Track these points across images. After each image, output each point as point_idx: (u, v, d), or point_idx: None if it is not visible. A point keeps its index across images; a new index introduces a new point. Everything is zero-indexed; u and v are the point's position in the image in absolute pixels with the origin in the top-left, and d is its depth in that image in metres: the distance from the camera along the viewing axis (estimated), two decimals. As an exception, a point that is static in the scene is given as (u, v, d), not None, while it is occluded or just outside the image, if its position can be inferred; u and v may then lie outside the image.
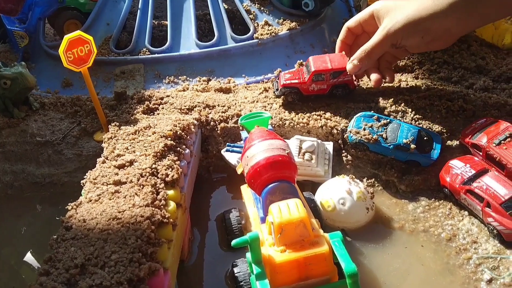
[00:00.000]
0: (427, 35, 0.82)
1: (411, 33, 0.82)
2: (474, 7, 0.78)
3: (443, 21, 0.80)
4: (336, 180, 0.85)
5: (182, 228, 0.71)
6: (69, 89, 1.20)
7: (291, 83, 0.97)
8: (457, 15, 0.79)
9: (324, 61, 0.96)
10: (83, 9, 1.36)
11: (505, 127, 0.83)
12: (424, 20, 0.80)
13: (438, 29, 0.81)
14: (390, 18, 0.84)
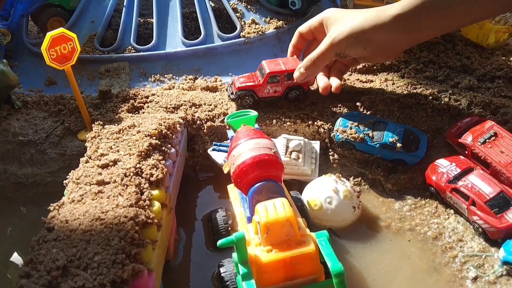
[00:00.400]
0: (370, 46, 0.83)
1: (354, 43, 0.83)
2: (418, 21, 0.79)
3: (385, 33, 0.80)
4: (323, 179, 0.84)
5: (167, 228, 0.70)
6: (52, 88, 1.19)
7: (246, 86, 0.95)
8: (400, 28, 0.80)
9: (278, 63, 0.96)
10: (67, 6, 1.34)
11: (490, 126, 0.84)
12: (367, 31, 0.81)
13: (380, 41, 0.82)
14: (335, 27, 0.84)
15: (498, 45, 1.18)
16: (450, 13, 0.77)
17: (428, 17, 0.78)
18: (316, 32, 0.93)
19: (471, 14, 0.78)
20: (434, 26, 0.80)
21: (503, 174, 0.78)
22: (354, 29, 0.82)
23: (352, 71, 1.12)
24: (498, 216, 0.73)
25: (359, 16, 0.82)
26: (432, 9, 0.76)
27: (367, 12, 0.82)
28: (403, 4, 0.78)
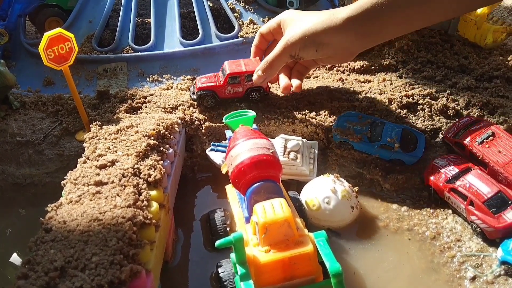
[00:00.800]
0: (322, 49, 0.82)
1: (306, 46, 0.82)
2: (369, 25, 0.78)
3: (336, 36, 0.80)
4: (321, 179, 0.84)
5: (165, 229, 0.70)
6: (50, 88, 1.18)
7: (207, 86, 0.95)
8: (352, 31, 0.79)
9: (239, 64, 0.96)
10: (65, 6, 1.33)
11: (488, 126, 0.84)
12: (319, 34, 0.80)
13: (332, 43, 0.81)
14: (289, 29, 0.84)
15: (496, 45, 1.18)
16: (403, 17, 0.76)
17: (379, 21, 0.77)
18: (275, 33, 0.93)
19: (424, 17, 0.77)
20: (386, 30, 0.79)
21: (501, 174, 0.78)
22: (306, 31, 0.81)
23: (350, 71, 1.12)
24: (496, 216, 0.73)
25: (313, 19, 0.82)
26: (383, 14, 0.75)
27: (320, 15, 0.81)
28: (354, 8, 0.77)
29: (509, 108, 0.96)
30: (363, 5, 0.76)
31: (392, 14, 0.75)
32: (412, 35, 1.16)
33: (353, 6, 0.78)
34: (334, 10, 0.80)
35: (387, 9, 0.74)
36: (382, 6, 0.74)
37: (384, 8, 0.74)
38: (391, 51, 1.13)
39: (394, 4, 0.74)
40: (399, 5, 0.74)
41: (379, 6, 0.75)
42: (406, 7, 0.74)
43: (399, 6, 0.74)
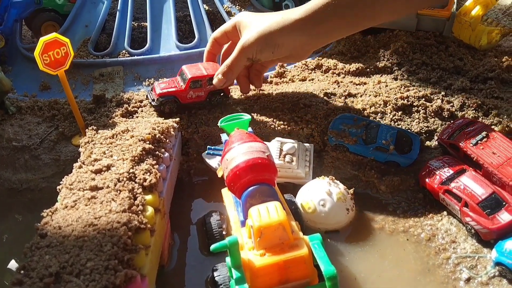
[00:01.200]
0: (277, 51, 0.84)
1: (263, 48, 0.84)
2: (320, 26, 0.80)
3: (290, 37, 0.82)
4: (316, 182, 0.85)
5: (161, 233, 0.70)
6: (47, 92, 1.18)
7: (169, 92, 0.94)
8: (304, 32, 0.81)
9: (199, 68, 0.96)
10: (61, 11, 1.34)
11: (481, 127, 0.84)
12: (273, 36, 0.83)
13: (286, 44, 0.84)
14: (246, 33, 0.86)
15: (491, 46, 1.19)
16: (349, 19, 0.80)
17: (328, 23, 0.80)
18: (232, 36, 0.94)
19: (370, 19, 0.81)
20: (334, 31, 0.83)
21: (495, 175, 0.78)
22: (261, 34, 0.83)
23: (345, 73, 1.12)
24: (490, 217, 0.74)
25: (267, 21, 0.84)
26: (331, 17, 0.79)
27: (274, 17, 0.83)
28: (304, 10, 0.80)
29: (504, 109, 0.96)
30: (313, 7, 0.79)
31: (339, 17, 0.79)
32: (407, 37, 1.17)
33: (303, 8, 0.80)
34: (287, 12, 0.83)
35: (333, 12, 0.78)
36: (329, 9, 0.78)
37: (331, 11, 0.78)
38: (386, 53, 1.13)
39: (340, 8, 0.78)
40: (345, 9, 0.78)
41: (327, 9, 0.78)
42: (351, 11, 0.78)
43: (345, 9, 0.78)
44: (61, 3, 1.33)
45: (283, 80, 1.13)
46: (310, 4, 0.80)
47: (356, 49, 1.20)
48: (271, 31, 0.82)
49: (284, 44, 0.83)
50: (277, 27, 0.82)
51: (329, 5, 0.78)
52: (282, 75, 1.14)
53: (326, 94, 1.02)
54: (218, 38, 0.96)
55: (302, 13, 0.80)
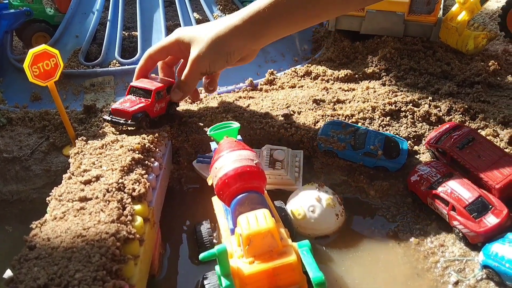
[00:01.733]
0: (231, 57, 0.85)
1: (216, 59, 0.85)
2: (260, 28, 0.82)
3: (239, 41, 0.83)
4: (306, 188, 0.85)
5: (150, 243, 0.70)
6: (38, 103, 1.19)
7: (140, 108, 0.89)
8: (248, 34, 0.83)
9: (150, 81, 0.94)
10: (52, 22, 1.34)
11: (468, 132, 0.85)
12: (223, 44, 0.83)
13: (237, 49, 0.85)
14: (194, 47, 0.86)
15: (477, 50, 1.20)
16: (287, 21, 0.81)
17: (268, 24, 0.82)
18: (174, 52, 0.93)
19: (308, 19, 0.83)
20: (275, 31, 0.84)
21: (481, 179, 0.79)
22: (211, 46, 0.84)
23: (334, 79, 1.13)
24: (477, 220, 0.74)
25: (212, 31, 0.84)
26: (270, 18, 0.80)
27: (217, 25, 0.84)
28: (249, 12, 0.81)
29: (490, 113, 0.97)
30: (252, 10, 0.81)
31: (277, 19, 0.81)
32: (394, 43, 1.18)
33: (244, 12, 0.82)
34: (228, 18, 0.84)
35: (271, 14, 0.80)
36: (266, 10, 0.80)
37: (269, 13, 0.80)
38: (375, 59, 1.15)
39: (277, 10, 0.79)
40: (282, 11, 0.79)
41: (265, 11, 0.80)
42: (289, 13, 0.80)
43: (282, 11, 0.79)
44: (52, 14, 1.34)
45: (273, 87, 1.14)
46: (249, 9, 0.81)
47: (345, 55, 1.21)
48: (220, 41, 0.83)
49: (236, 50, 0.84)
50: (225, 35, 0.83)
51: (265, 10, 0.79)
52: (272, 82, 1.15)
53: (315, 101, 1.03)
54: (154, 55, 0.94)
55: (245, 16, 0.81)
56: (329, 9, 0.81)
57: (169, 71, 0.99)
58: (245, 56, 0.89)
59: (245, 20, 0.81)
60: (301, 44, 1.30)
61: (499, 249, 0.70)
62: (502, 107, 1.00)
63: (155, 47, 0.94)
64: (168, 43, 0.91)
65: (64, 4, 1.34)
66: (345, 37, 1.27)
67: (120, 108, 0.89)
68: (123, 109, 0.89)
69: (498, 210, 0.75)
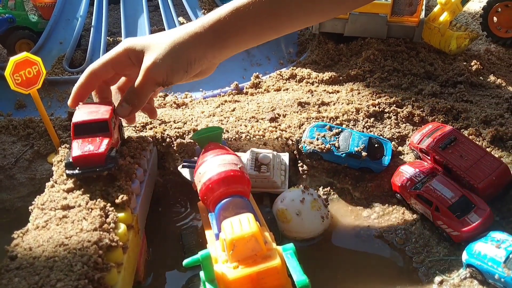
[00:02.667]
0: (192, 67, 0.73)
1: (175, 68, 0.72)
2: (223, 39, 0.72)
3: (200, 49, 0.72)
4: (291, 191, 0.86)
5: (134, 250, 0.70)
6: (22, 111, 1.18)
7: (108, 144, 0.71)
8: (215, 42, 0.72)
9: (92, 108, 0.76)
10: (35, 28, 1.34)
11: (450, 132, 0.86)
12: (185, 52, 0.72)
13: (199, 59, 0.73)
14: (149, 55, 0.72)
15: (460, 50, 1.22)
16: (252, 32, 0.73)
17: (231, 35, 0.72)
18: (121, 68, 0.77)
19: (275, 31, 0.75)
20: (242, 42, 0.74)
21: (464, 178, 0.80)
22: (170, 53, 0.71)
23: (319, 82, 1.14)
24: (460, 220, 0.75)
25: (170, 38, 0.72)
26: (235, 28, 0.71)
27: (176, 32, 0.72)
28: (206, 21, 0.71)
29: (473, 112, 0.98)
30: (214, 17, 0.71)
31: (240, 29, 0.72)
32: (378, 44, 1.19)
33: (205, 18, 0.72)
34: (189, 25, 0.73)
35: (235, 23, 0.71)
36: (228, 19, 0.71)
37: (232, 22, 0.71)
38: (358, 61, 1.16)
39: (240, 19, 0.70)
40: (246, 20, 0.71)
41: (226, 20, 0.71)
42: (255, 24, 0.71)
43: (247, 21, 0.71)
44: (35, 20, 1.33)
45: (258, 90, 1.14)
46: (214, 14, 0.72)
47: (329, 58, 1.22)
48: (180, 48, 0.71)
49: (197, 60, 0.73)
50: (185, 42, 0.71)
51: (234, 14, 0.70)
52: (257, 86, 1.16)
53: (300, 104, 1.04)
54: (98, 71, 0.76)
55: (206, 24, 0.71)
56: (297, 22, 0.74)
57: (107, 91, 0.81)
58: (204, 68, 0.76)
59: (206, 28, 0.71)
60: (286, 47, 1.31)
61: (481, 248, 0.70)
62: (485, 106, 1.02)
63: (99, 61, 0.76)
64: (116, 55, 0.75)
65: (48, 10, 1.33)
66: (329, 40, 1.27)
67: (87, 154, 0.69)
68: (92, 153, 0.69)
69: (480, 209, 0.76)
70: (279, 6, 0.71)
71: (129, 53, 0.74)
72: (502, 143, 0.90)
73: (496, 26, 1.31)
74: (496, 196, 0.80)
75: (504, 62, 1.23)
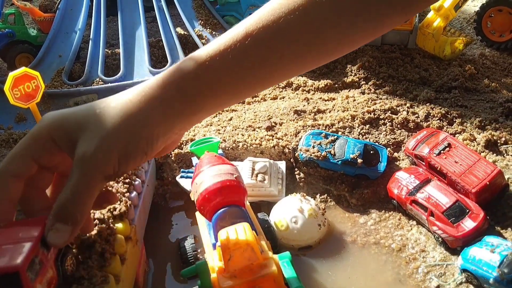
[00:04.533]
0: (152, 148, 0.50)
1: (130, 152, 0.48)
2: (198, 99, 0.49)
3: (160, 124, 0.49)
4: (288, 199, 0.86)
5: (133, 261, 0.71)
6: (23, 124, 1.20)
7: None
8: (174, 112, 0.49)
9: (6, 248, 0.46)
10: (35, 42, 1.36)
11: (444, 137, 0.87)
12: (140, 129, 0.48)
13: (160, 136, 0.50)
14: (88, 136, 0.47)
15: (455, 55, 1.23)
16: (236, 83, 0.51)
17: (208, 92, 0.50)
18: (48, 158, 0.50)
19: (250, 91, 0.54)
20: (217, 101, 0.52)
21: (458, 184, 0.80)
22: (121, 130, 0.48)
23: (315, 90, 1.15)
24: (455, 225, 0.76)
25: (117, 108, 0.48)
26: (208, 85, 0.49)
27: (127, 98, 0.49)
28: (168, 76, 0.49)
29: (468, 117, 0.99)
30: (179, 73, 0.48)
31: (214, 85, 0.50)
32: (373, 51, 1.20)
33: (168, 74, 0.49)
34: (144, 86, 0.49)
35: (209, 80, 0.49)
36: (200, 73, 0.48)
37: (207, 79, 0.49)
38: (354, 68, 1.17)
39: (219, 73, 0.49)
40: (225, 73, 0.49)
41: (198, 74, 0.48)
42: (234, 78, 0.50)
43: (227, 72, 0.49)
44: (34, 34, 1.35)
45: (255, 99, 1.15)
46: (179, 69, 0.48)
47: (325, 65, 1.23)
48: (137, 122, 0.48)
49: (160, 135, 0.49)
50: (143, 113, 0.48)
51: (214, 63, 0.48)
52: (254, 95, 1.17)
53: (296, 112, 1.05)
54: (13, 170, 0.49)
55: (166, 80, 0.48)
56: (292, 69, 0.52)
57: (37, 197, 0.53)
58: (170, 143, 0.54)
59: (168, 88, 0.48)
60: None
61: (476, 253, 0.71)
62: (479, 111, 1.02)
63: (12, 158, 0.49)
64: (35, 140, 0.49)
65: (47, 24, 1.35)
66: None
67: None
68: None
69: (475, 214, 0.76)
70: (269, 49, 0.48)
71: (55, 135, 0.49)
72: (497, 148, 0.90)
73: (490, 30, 1.32)
74: (490, 201, 0.80)
75: (499, 66, 1.24)
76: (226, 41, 0.48)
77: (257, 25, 0.48)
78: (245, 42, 0.48)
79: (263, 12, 0.49)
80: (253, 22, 0.48)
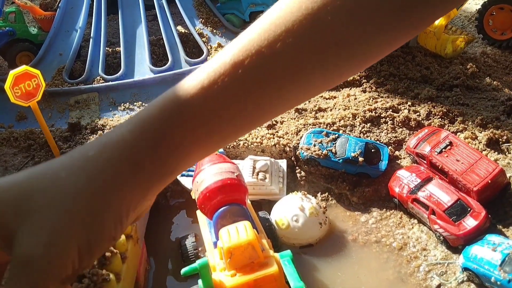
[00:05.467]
0: (122, 225, 0.32)
1: (93, 243, 0.31)
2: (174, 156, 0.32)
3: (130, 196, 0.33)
4: (289, 198, 0.86)
5: (133, 259, 0.71)
6: (23, 122, 1.19)
7: None
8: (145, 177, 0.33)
9: None
10: (35, 41, 1.35)
11: (446, 136, 0.87)
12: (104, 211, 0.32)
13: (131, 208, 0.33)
14: (31, 234, 0.29)
15: (456, 54, 1.22)
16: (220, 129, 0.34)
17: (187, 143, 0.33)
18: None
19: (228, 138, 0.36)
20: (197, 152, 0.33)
21: (460, 182, 0.80)
22: (79, 216, 0.30)
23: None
24: (457, 223, 0.76)
25: (71, 184, 0.30)
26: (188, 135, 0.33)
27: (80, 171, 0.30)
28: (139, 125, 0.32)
29: (469, 116, 0.99)
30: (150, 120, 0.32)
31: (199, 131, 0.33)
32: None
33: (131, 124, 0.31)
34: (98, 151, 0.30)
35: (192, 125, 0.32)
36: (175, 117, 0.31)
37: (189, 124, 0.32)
38: (355, 66, 1.16)
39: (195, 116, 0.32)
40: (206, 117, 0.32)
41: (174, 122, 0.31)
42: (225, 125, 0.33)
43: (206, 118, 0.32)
44: (35, 33, 1.35)
45: (256, 98, 1.15)
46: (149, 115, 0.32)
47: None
48: (100, 198, 0.31)
49: (132, 208, 0.33)
50: (106, 183, 0.31)
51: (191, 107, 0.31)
52: (255, 93, 1.16)
53: (297, 110, 1.05)
54: None
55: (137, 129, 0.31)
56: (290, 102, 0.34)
57: None
58: (140, 212, 0.35)
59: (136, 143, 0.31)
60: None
61: (478, 251, 0.71)
62: (481, 109, 1.02)
63: None
64: None
65: (47, 23, 1.35)
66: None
67: None
68: None
69: (476, 212, 0.76)
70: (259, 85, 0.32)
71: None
72: (498, 146, 0.90)
73: (492, 28, 1.32)
74: (492, 199, 0.80)
75: (500, 64, 1.23)
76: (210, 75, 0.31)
77: (247, 53, 0.31)
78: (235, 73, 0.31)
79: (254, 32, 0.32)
80: (242, 48, 0.32)
